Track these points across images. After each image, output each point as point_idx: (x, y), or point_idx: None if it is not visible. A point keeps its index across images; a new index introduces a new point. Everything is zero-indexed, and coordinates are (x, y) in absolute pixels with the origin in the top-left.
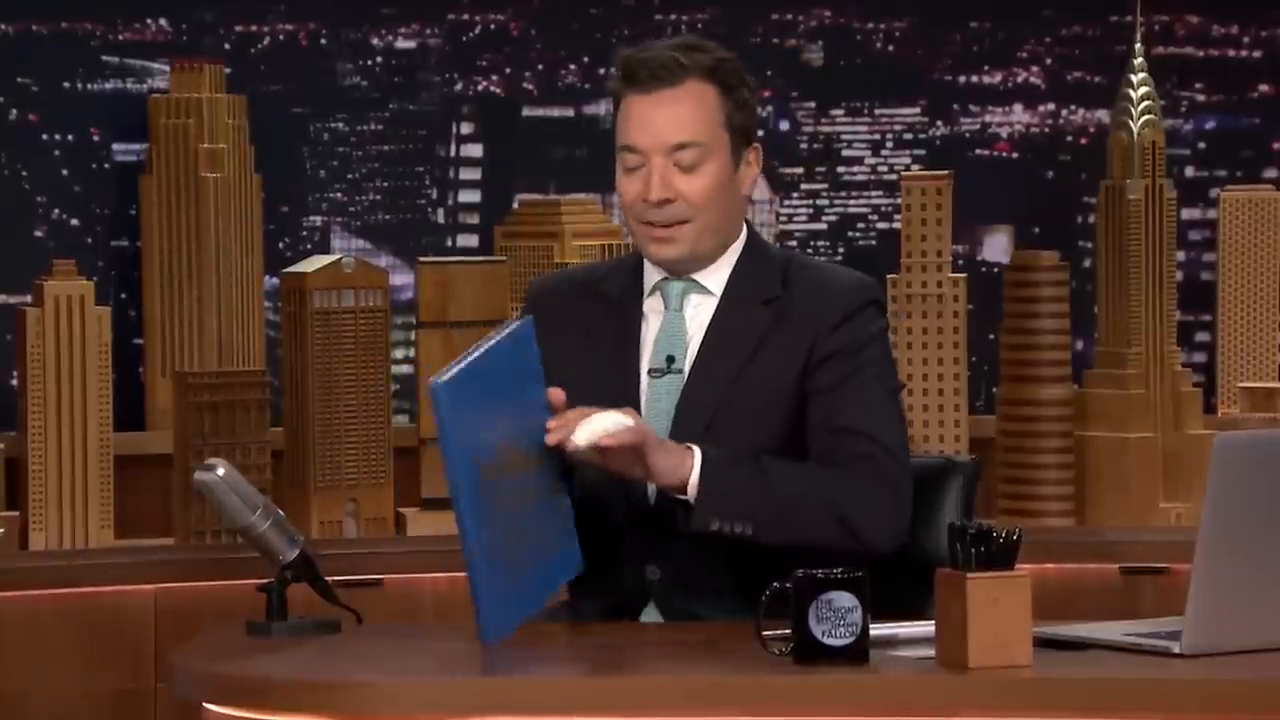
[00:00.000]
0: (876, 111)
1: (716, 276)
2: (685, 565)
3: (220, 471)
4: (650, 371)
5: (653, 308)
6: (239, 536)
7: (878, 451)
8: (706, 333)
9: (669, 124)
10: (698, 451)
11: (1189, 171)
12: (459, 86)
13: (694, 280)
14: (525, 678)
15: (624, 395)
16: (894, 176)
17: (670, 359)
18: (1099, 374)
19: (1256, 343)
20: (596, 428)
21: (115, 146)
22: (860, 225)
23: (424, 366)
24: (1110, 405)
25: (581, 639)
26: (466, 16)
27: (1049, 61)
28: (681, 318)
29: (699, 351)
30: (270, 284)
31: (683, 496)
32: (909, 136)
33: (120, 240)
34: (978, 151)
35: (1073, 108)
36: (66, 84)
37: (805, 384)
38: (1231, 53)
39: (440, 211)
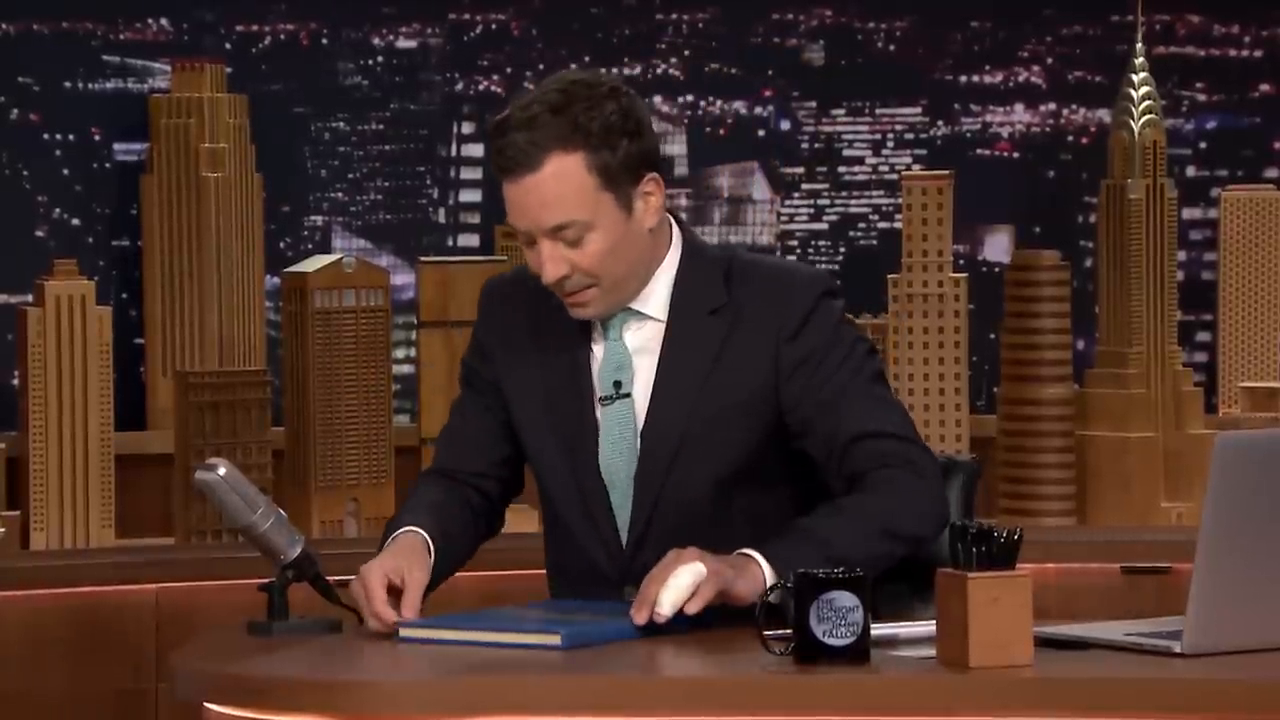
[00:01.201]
0: (877, 111)
1: (653, 299)
2: None
3: (221, 471)
4: (600, 400)
5: (595, 334)
6: (240, 536)
7: (890, 445)
8: (660, 354)
9: (539, 210)
10: (764, 562)
11: (1190, 171)
12: (460, 86)
13: (630, 307)
14: (525, 678)
15: (580, 422)
16: (895, 176)
17: (618, 384)
18: (1100, 373)
19: (1257, 342)
20: (679, 592)
21: (116, 146)
22: (861, 225)
23: (425, 366)
24: (1111, 405)
25: None
26: (467, 16)
27: (1050, 61)
28: (622, 345)
29: (656, 374)
30: (271, 283)
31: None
32: (910, 136)
33: (121, 240)
34: (979, 151)
35: (1074, 107)
36: (67, 84)
37: (780, 396)
38: (1232, 52)
39: (441, 211)
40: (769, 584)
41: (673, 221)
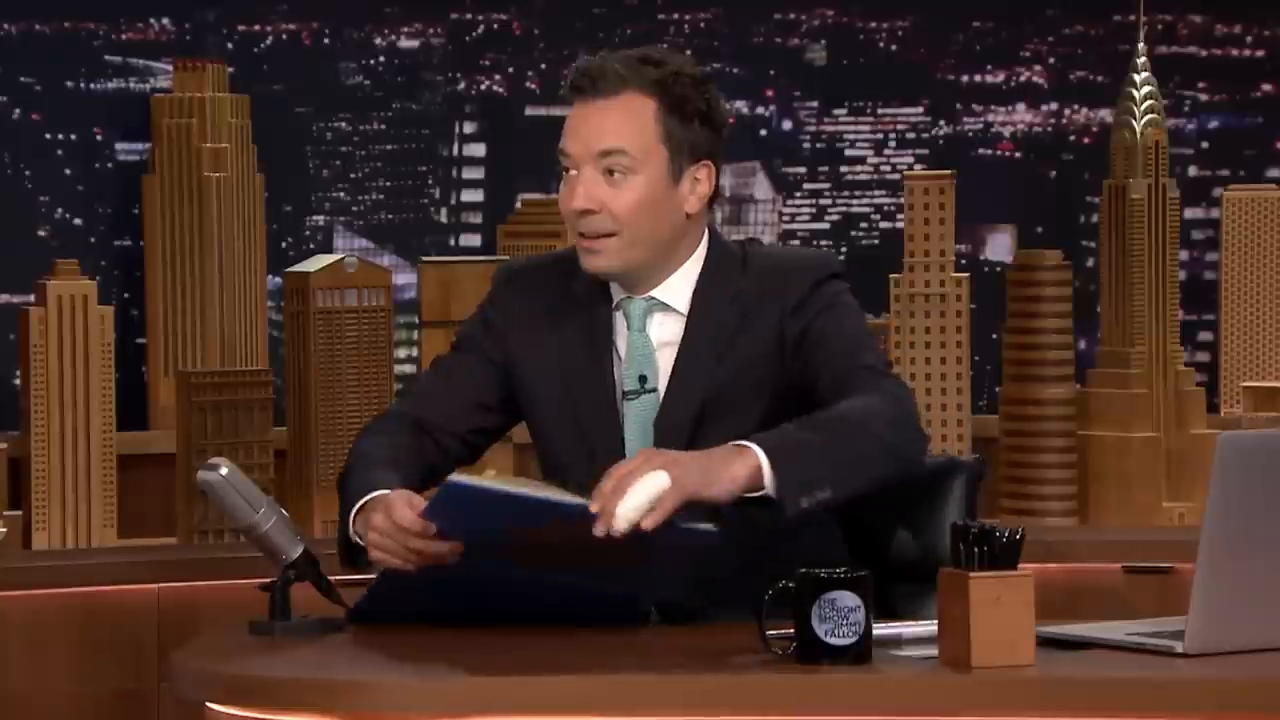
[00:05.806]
0: (879, 111)
1: (678, 293)
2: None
3: (223, 471)
4: (626, 394)
5: (618, 327)
6: (242, 536)
7: (871, 374)
8: (678, 353)
9: (597, 130)
10: (756, 448)
11: (1192, 171)
12: (462, 86)
13: (654, 298)
14: (525, 678)
15: (602, 415)
16: (897, 176)
17: (643, 379)
18: (1102, 373)
19: (1259, 342)
20: (636, 505)
21: (118, 146)
22: (863, 225)
23: (426, 366)
24: (1113, 405)
25: (581, 639)
26: (469, 16)
27: (1052, 61)
28: (646, 337)
29: (672, 372)
30: (273, 283)
31: (756, 494)
32: (912, 136)
33: (123, 240)
34: (980, 151)
35: (1075, 107)
36: (69, 83)
37: (787, 368)
38: (1234, 52)
39: (443, 211)
40: (769, 478)
41: (707, 227)
